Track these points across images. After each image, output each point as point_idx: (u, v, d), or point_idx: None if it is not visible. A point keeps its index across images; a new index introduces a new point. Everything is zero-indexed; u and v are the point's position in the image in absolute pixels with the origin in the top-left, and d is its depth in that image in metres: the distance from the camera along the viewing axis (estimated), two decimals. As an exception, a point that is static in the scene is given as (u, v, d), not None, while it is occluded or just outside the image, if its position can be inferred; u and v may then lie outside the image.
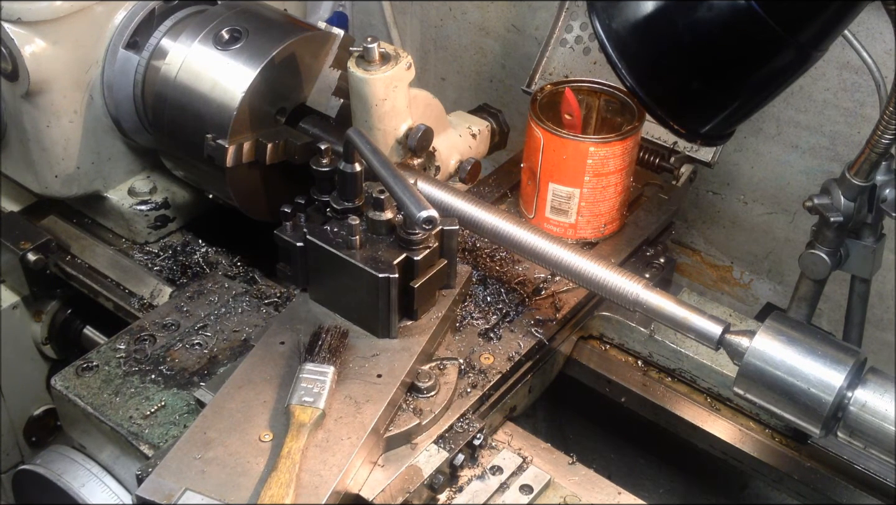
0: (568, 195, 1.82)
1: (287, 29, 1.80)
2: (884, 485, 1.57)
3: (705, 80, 1.48)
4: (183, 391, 1.56)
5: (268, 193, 1.87)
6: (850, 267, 1.77)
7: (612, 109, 1.92)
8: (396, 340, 1.52)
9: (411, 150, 1.75)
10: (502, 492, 1.45)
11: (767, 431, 1.67)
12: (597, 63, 2.16)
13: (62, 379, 1.59)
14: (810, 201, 1.68)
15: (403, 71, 1.68)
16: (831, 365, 1.36)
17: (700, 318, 1.46)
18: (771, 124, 2.23)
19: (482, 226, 1.63)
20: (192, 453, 1.35)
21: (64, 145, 1.88)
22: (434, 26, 2.75)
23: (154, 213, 1.99)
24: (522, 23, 2.54)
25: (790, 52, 1.41)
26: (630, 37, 1.46)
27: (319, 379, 1.40)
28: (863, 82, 2.06)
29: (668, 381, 1.76)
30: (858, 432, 1.37)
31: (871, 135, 1.56)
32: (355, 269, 1.48)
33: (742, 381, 1.43)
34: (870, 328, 2.03)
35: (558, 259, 1.56)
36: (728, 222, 2.43)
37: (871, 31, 1.94)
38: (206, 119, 1.75)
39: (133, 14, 1.86)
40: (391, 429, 1.43)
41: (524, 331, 1.66)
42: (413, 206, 1.43)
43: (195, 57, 1.78)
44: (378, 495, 1.38)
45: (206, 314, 1.70)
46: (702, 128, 1.54)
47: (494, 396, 1.57)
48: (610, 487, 1.48)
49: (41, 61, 1.77)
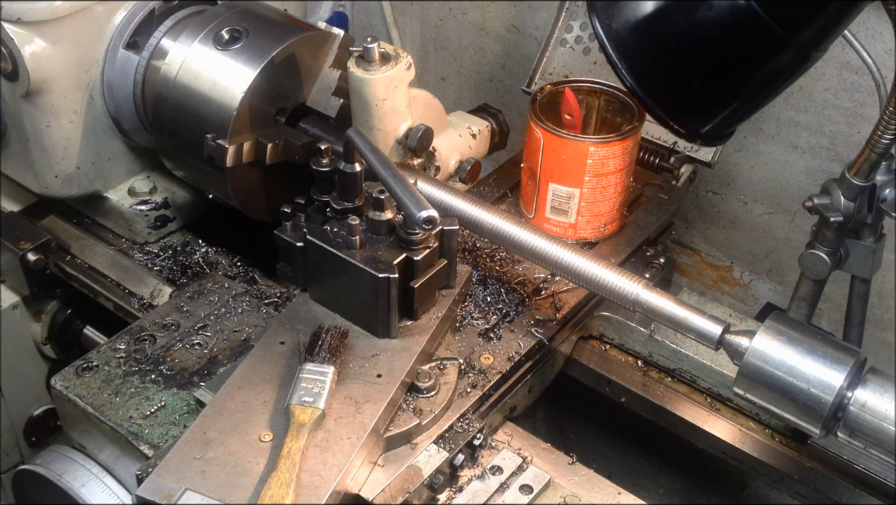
0: (568, 195, 1.82)
1: (287, 29, 1.80)
2: (884, 485, 1.57)
3: (705, 80, 1.48)
4: (183, 391, 1.56)
5: (268, 193, 1.87)
6: (850, 267, 1.77)
7: (612, 109, 1.92)
8: (396, 340, 1.52)
9: (411, 150, 1.75)
10: (502, 492, 1.45)
11: (767, 431, 1.67)
12: (597, 63, 2.16)
13: (62, 379, 1.59)
14: (810, 201, 1.68)
15: (403, 71, 1.68)
16: (831, 365, 1.36)
17: (700, 318, 1.46)
18: (771, 124, 2.23)
19: (482, 226, 1.63)
20: (192, 453, 1.35)
21: (64, 145, 1.88)
22: (434, 26, 2.75)
23: (154, 213, 1.99)
24: (522, 23, 2.54)
25: (790, 52, 1.41)
26: (630, 37, 1.46)
27: (319, 379, 1.40)
28: (863, 82, 2.06)
29: (668, 381, 1.76)
30: (858, 432, 1.37)
31: (871, 135, 1.56)
32: (355, 269, 1.48)
33: (742, 381, 1.43)
34: (870, 328, 2.03)
35: (558, 259, 1.56)
36: (728, 222, 2.43)
37: (871, 31, 1.94)
38: (206, 119, 1.75)
39: (133, 14, 1.86)
40: (391, 429, 1.43)
41: (524, 331, 1.66)
42: (413, 206, 1.43)
43: (195, 57, 1.78)
44: (378, 495, 1.38)
45: (206, 314, 1.70)
46: (702, 128, 1.54)
47: (494, 396, 1.57)
48: (610, 487, 1.48)
49: (41, 61, 1.77)
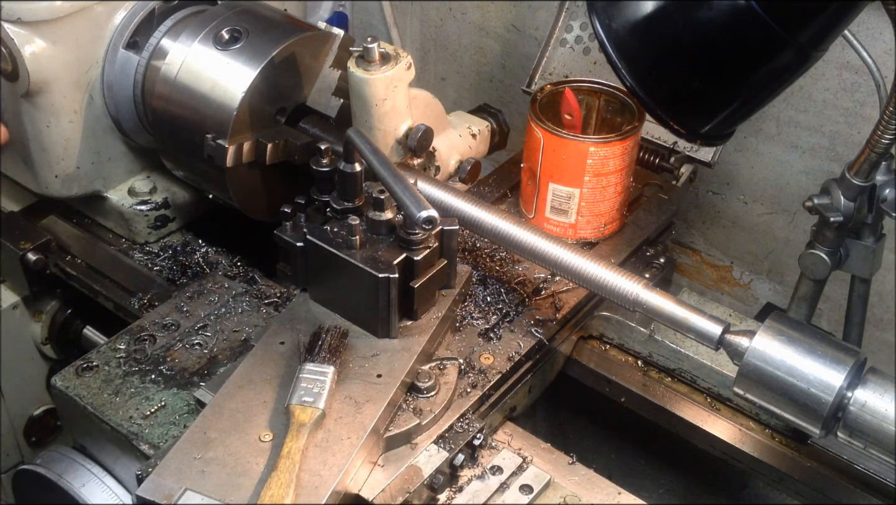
0: (568, 195, 1.82)
1: (287, 29, 1.80)
2: (884, 485, 1.57)
3: (705, 81, 1.48)
4: (183, 391, 1.56)
5: (268, 193, 1.86)
6: (850, 267, 1.77)
7: (612, 109, 1.92)
8: (396, 340, 1.52)
9: (411, 150, 1.75)
10: (502, 492, 1.45)
11: (767, 431, 1.67)
12: (597, 63, 2.16)
13: (62, 379, 1.59)
14: (810, 201, 1.68)
15: (403, 71, 1.68)
16: (831, 365, 1.36)
17: (700, 318, 1.46)
18: (771, 124, 2.23)
19: (482, 226, 1.63)
20: (192, 453, 1.35)
21: (64, 145, 1.88)
22: (434, 26, 2.75)
23: (154, 213, 1.99)
24: (522, 23, 2.54)
25: (790, 52, 1.41)
26: (630, 37, 1.46)
27: (319, 379, 1.40)
28: (863, 82, 2.06)
29: (668, 381, 1.76)
30: (858, 432, 1.37)
31: (871, 135, 1.56)
32: (355, 269, 1.48)
33: (742, 381, 1.43)
34: (870, 328, 2.03)
35: (558, 259, 1.56)
36: (728, 222, 2.43)
37: (871, 31, 1.94)
38: (206, 119, 1.75)
39: (133, 14, 1.86)
40: (391, 429, 1.43)
41: (524, 331, 1.66)
42: (413, 206, 1.43)
43: (195, 57, 1.78)
44: (378, 495, 1.38)
45: (206, 314, 1.70)
46: (702, 128, 1.54)
47: (494, 396, 1.57)
48: (610, 487, 1.48)
49: (41, 61, 1.77)
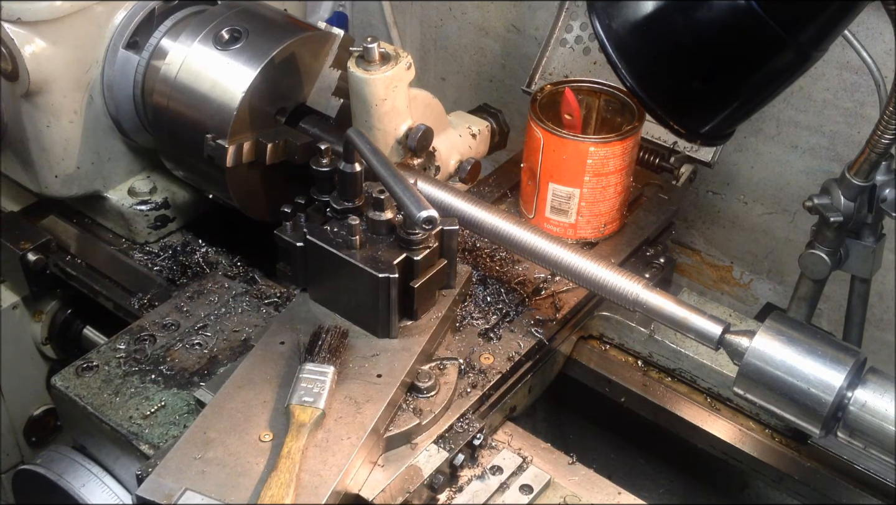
0: (568, 195, 1.82)
1: (287, 29, 1.80)
2: (884, 485, 1.57)
3: (705, 80, 1.48)
4: (183, 391, 1.56)
5: (268, 193, 1.87)
6: (850, 267, 1.77)
7: (612, 109, 1.92)
8: (396, 340, 1.52)
9: (411, 150, 1.75)
10: (502, 492, 1.45)
11: (767, 431, 1.67)
12: (597, 63, 2.16)
13: (62, 379, 1.58)
14: (810, 201, 1.68)
15: (403, 71, 1.68)
16: (831, 365, 1.36)
17: (700, 318, 1.46)
18: (771, 124, 2.23)
19: (482, 226, 1.63)
20: (192, 453, 1.35)
21: (64, 145, 1.88)
22: (434, 26, 2.75)
23: (154, 213, 1.99)
24: (522, 23, 2.54)
25: (790, 52, 1.41)
26: (630, 37, 1.46)
27: (319, 379, 1.40)
28: (863, 82, 2.06)
29: (668, 381, 1.76)
30: (858, 432, 1.37)
31: (871, 135, 1.56)
32: (355, 269, 1.48)
33: (742, 381, 1.43)
34: (870, 328, 2.03)
35: (558, 259, 1.56)
36: (728, 222, 2.43)
37: (871, 31, 1.94)
38: (206, 119, 1.75)
39: (133, 14, 1.86)
40: (391, 429, 1.43)
41: (524, 331, 1.66)
42: (413, 206, 1.43)
43: (195, 57, 1.78)
44: (378, 495, 1.38)
45: (206, 314, 1.70)
46: (702, 128, 1.54)
47: (494, 396, 1.57)
48: (610, 487, 1.48)
49: (41, 61, 1.77)
